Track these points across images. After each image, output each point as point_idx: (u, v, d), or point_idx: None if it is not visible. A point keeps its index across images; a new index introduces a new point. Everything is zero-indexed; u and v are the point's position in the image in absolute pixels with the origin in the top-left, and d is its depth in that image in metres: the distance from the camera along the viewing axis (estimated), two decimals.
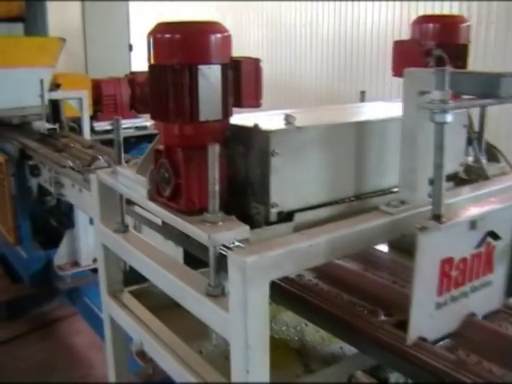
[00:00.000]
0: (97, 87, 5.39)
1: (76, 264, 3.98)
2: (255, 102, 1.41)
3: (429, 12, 9.00)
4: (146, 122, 5.66)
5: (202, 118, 1.32)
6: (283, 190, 1.41)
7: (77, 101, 4.54)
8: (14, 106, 4.82)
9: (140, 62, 10.32)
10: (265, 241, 1.34)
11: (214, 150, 1.28)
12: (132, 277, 2.01)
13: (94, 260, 4.00)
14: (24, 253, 4.39)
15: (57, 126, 4.39)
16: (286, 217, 1.44)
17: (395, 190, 1.64)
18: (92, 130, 5.39)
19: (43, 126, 4.32)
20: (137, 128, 5.58)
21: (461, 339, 1.37)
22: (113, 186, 1.73)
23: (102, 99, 5.43)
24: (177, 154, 1.37)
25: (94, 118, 5.43)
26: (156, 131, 4.55)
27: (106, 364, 3.54)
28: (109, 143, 4.42)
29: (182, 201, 1.38)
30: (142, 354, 2.00)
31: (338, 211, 1.55)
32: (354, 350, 1.62)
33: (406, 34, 2.04)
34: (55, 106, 4.96)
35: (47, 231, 5.04)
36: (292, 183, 1.43)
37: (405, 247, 1.76)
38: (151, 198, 1.49)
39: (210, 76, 1.31)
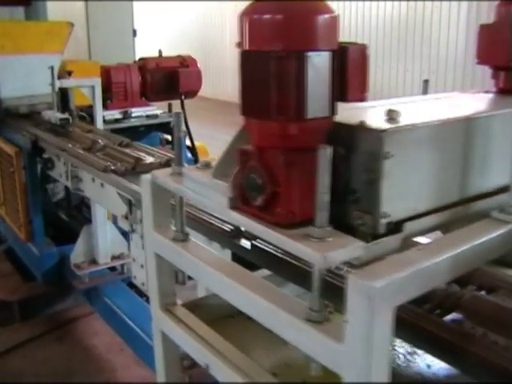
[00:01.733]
0: (106, 74, 5.15)
1: (94, 262, 3.78)
2: (361, 96, 1.20)
3: None
4: (157, 110, 5.43)
5: (310, 114, 1.11)
6: (394, 198, 1.21)
7: (88, 89, 4.30)
8: (22, 95, 4.58)
9: (144, 47, 10.04)
10: (379, 259, 1.15)
11: (326, 154, 1.07)
12: None
13: (113, 258, 3.81)
14: (36, 249, 4.17)
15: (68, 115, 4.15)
16: (394, 227, 1.25)
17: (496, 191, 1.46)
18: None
19: (54, 115, 4.08)
20: (148, 117, 5.34)
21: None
22: (176, 191, 1.52)
23: (111, 87, 5.18)
24: (275, 157, 1.16)
25: (103, 106, 5.19)
26: (167, 120, 4.34)
27: (129, 367, 3.36)
28: (119, 133, 4.21)
29: (280, 212, 1.18)
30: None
31: (443, 219, 1.36)
32: None
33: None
34: (64, 94, 4.72)
35: (57, 225, 4.83)
36: (403, 189, 1.23)
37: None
38: (234, 207, 1.28)
39: (319, 65, 1.10)
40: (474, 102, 1.75)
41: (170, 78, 5.36)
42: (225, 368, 1.52)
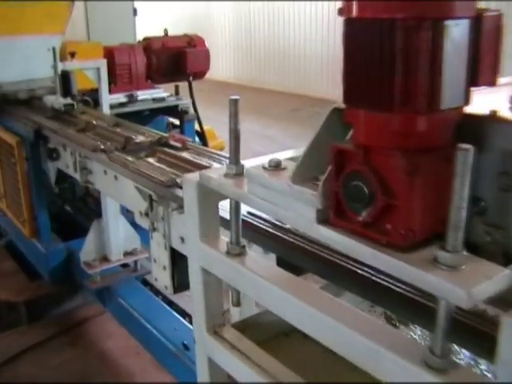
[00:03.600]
0: (109, 55, 4.80)
1: (105, 259, 3.49)
2: (492, 78, 0.92)
3: None
4: (163, 93, 5.11)
5: (445, 104, 0.83)
6: None
7: (93, 71, 3.98)
8: (21, 79, 4.26)
9: (145, 27, 9.65)
10: None
11: (467, 156, 0.80)
12: None
13: (125, 254, 3.54)
14: (42, 246, 3.88)
15: (72, 101, 3.85)
16: None
17: None
18: None
19: (58, 101, 3.78)
20: (154, 100, 5.01)
21: None
22: (238, 198, 1.24)
23: (115, 69, 4.84)
24: (392, 160, 0.88)
25: None
26: (174, 103, 4.03)
27: (148, 372, 3.11)
28: (123, 117, 3.92)
29: (395, 230, 0.90)
30: None
31: None
32: None
33: None
34: (65, 77, 4.39)
35: (60, 218, 4.53)
36: None
37: None
38: (324, 222, 1.01)
39: (458, 38, 0.82)
40: None
41: (177, 59, 5.03)
42: None
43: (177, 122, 5.40)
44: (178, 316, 3.20)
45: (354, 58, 0.87)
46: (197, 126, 5.28)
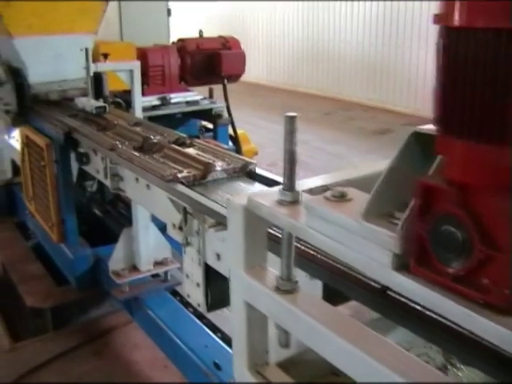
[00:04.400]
0: (142, 56, 4.70)
1: (135, 269, 3.37)
2: None
3: None
4: (197, 96, 4.99)
5: None
6: None
7: (126, 73, 3.87)
8: (52, 80, 4.17)
9: (179, 28, 9.56)
10: None
11: None
12: None
13: (155, 263, 3.41)
14: (69, 251, 3.78)
15: (104, 103, 3.74)
16: None
17: None
18: None
19: (90, 103, 3.67)
20: (187, 103, 4.90)
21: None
22: (294, 231, 1.08)
23: (148, 70, 4.75)
24: (496, 203, 0.71)
25: None
26: (208, 106, 3.89)
27: None
28: (155, 121, 3.80)
29: (497, 288, 0.73)
30: None
31: None
32: None
33: None
34: (97, 78, 4.29)
35: (89, 222, 4.44)
36: None
37: None
38: (403, 269, 0.84)
39: None
40: None
41: (212, 61, 4.91)
42: None
43: (210, 125, 5.29)
44: (210, 332, 3.05)
45: (456, 75, 0.70)
46: (230, 130, 5.15)
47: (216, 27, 15.67)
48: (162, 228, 3.39)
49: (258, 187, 2.20)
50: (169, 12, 6.92)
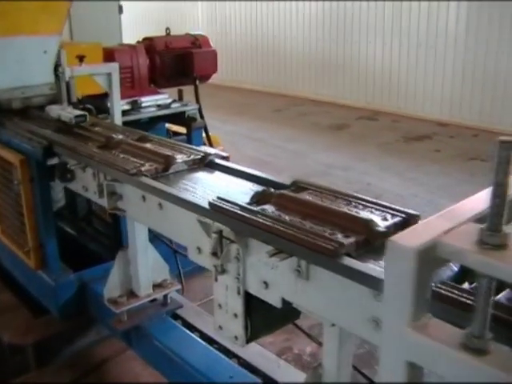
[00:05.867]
0: (109, 57, 4.32)
1: (132, 294, 3.03)
2: None
3: None
4: (168, 99, 4.64)
5: None
6: None
7: (102, 76, 3.49)
8: (15, 86, 3.74)
9: (130, 26, 9.08)
10: None
11: None
12: None
13: (154, 287, 3.10)
14: (50, 278, 3.38)
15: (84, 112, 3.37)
16: None
17: None
18: (104, 111, 4.36)
19: (65, 112, 3.29)
20: (158, 106, 4.55)
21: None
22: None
23: None
24: None
25: (106, 96, 4.37)
26: (180, 109, 3.61)
27: None
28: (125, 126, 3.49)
29: None
30: None
31: None
32: None
33: None
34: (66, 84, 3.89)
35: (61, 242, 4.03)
36: None
37: None
38: None
39: None
40: None
41: (183, 61, 4.58)
42: None
43: (178, 129, 4.98)
44: (233, 364, 2.76)
45: None
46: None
47: (154, 25, 15.17)
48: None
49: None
50: (120, 9, 6.53)
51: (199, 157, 2.52)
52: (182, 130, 5.11)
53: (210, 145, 4.86)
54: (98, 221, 4.09)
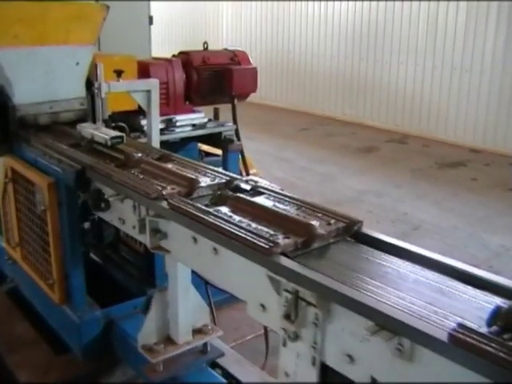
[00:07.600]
0: (143, 72, 4.01)
1: (170, 341, 2.69)
2: None
3: None
4: (204, 118, 4.33)
5: None
6: None
7: (141, 93, 3.17)
8: (42, 100, 3.43)
9: (161, 37, 8.80)
10: None
11: None
12: None
13: (194, 332, 2.75)
14: (74, 314, 3.04)
15: (118, 132, 3.06)
16: None
17: None
18: (136, 128, 4.06)
19: (100, 132, 2.97)
20: (194, 126, 4.23)
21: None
22: None
23: None
24: None
25: (138, 112, 4.06)
26: (217, 130, 3.26)
27: None
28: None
29: None
30: None
31: None
32: None
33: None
34: (92, 98, 3.59)
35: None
36: None
37: None
38: None
39: None
40: None
41: (221, 77, 4.26)
42: None
43: (209, 148, 4.67)
44: None
45: None
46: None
47: (179, 39, 14.92)
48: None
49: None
50: (151, 20, 6.24)
51: (224, 181, 2.30)
52: (214, 150, 4.80)
53: (247, 170, 4.53)
54: (126, 248, 3.74)
